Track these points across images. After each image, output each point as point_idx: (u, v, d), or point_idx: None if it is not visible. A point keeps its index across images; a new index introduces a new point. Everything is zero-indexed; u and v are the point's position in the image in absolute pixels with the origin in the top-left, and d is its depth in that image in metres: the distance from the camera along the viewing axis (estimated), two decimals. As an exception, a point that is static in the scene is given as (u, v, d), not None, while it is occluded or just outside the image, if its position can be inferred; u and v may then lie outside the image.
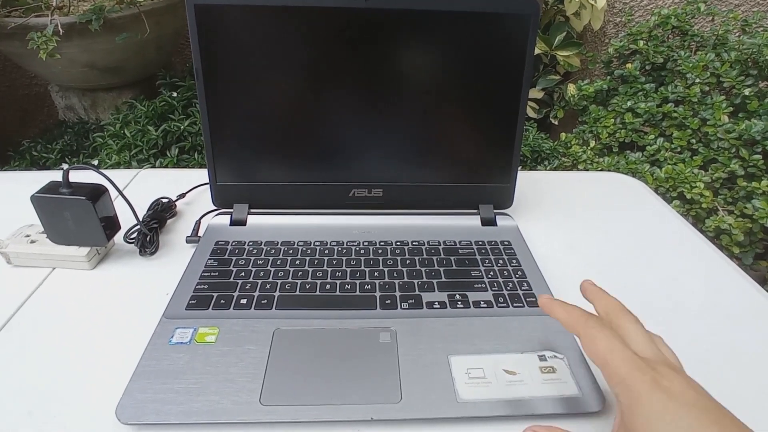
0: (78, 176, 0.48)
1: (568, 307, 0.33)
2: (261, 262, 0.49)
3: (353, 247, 0.52)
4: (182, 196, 0.61)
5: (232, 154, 0.54)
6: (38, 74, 1.51)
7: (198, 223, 0.56)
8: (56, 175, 0.48)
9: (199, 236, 0.54)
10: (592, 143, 1.33)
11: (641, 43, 1.38)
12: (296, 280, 0.47)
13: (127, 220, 0.51)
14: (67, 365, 0.39)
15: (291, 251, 0.51)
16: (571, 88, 1.48)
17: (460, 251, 0.52)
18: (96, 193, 0.47)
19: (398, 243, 0.53)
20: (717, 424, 0.26)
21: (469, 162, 0.56)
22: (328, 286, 0.46)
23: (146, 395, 0.35)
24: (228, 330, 0.41)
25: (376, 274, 0.48)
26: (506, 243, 0.53)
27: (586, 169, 1.27)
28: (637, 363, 0.28)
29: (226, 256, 0.50)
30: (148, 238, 0.52)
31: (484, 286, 0.47)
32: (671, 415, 0.26)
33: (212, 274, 0.47)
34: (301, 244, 0.52)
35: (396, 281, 0.47)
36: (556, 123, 1.59)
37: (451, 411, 0.35)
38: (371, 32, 0.49)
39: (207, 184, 0.56)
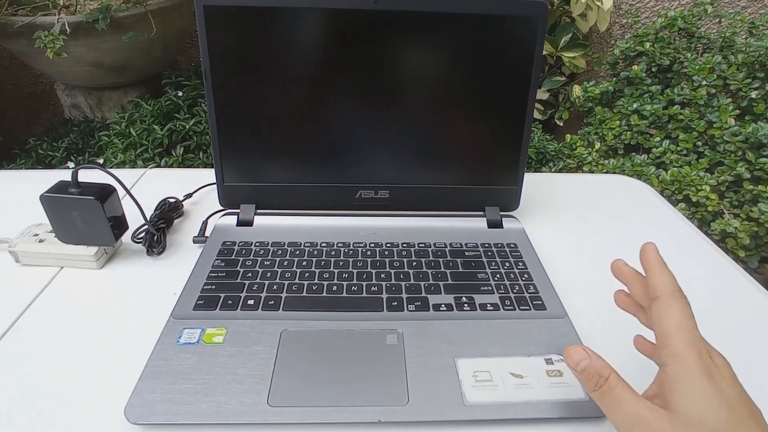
0: (85, 176, 0.48)
1: (666, 270, 0.33)
2: (268, 262, 0.49)
3: (360, 249, 0.52)
4: (189, 196, 0.62)
5: (239, 154, 0.54)
6: (44, 73, 1.51)
7: (205, 224, 0.56)
8: (64, 175, 0.48)
9: (206, 236, 0.54)
10: (598, 145, 1.33)
11: (647, 44, 1.38)
12: (303, 281, 0.47)
13: (134, 220, 0.52)
14: (75, 365, 0.39)
15: (298, 252, 0.51)
16: (577, 90, 1.48)
17: (467, 253, 0.52)
18: (104, 193, 0.47)
19: (405, 245, 0.53)
20: (753, 417, 0.27)
21: (475, 164, 0.56)
22: (334, 288, 0.46)
23: (155, 395, 0.35)
24: (235, 330, 0.41)
25: (382, 275, 0.48)
26: (512, 245, 0.53)
27: (591, 171, 1.26)
28: (699, 346, 0.29)
29: (233, 257, 0.50)
30: (155, 238, 0.52)
31: (490, 288, 0.47)
32: (714, 398, 0.27)
33: (219, 274, 0.48)
34: (307, 245, 0.52)
35: (402, 283, 0.47)
36: (561, 124, 1.58)
37: (458, 414, 0.35)
38: (379, 34, 0.50)
39: (214, 184, 0.56)
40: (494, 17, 0.49)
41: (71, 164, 1.24)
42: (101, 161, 1.15)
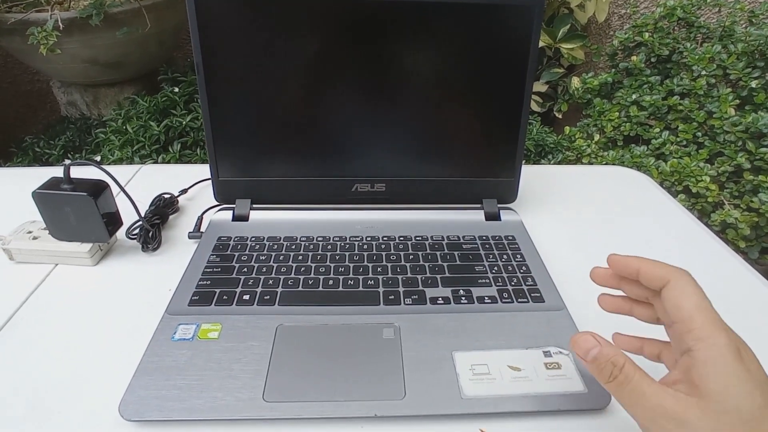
0: (80, 172, 0.48)
1: (654, 261, 0.31)
2: (263, 257, 0.49)
3: (356, 243, 0.51)
4: (184, 191, 0.61)
5: (234, 149, 0.54)
6: (40, 70, 1.50)
7: (200, 219, 0.56)
8: (59, 171, 0.48)
9: (202, 232, 0.53)
10: (597, 137, 1.32)
11: (646, 35, 1.37)
12: (299, 276, 0.46)
13: (129, 216, 0.51)
14: (69, 362, 0.39)
15: (293, 247, 0.51)
16: (576, 82, 1.47)
17: (464, 246, 0.52)
18: (97, 189, 0.47)
19: (401, 238, 0.52)
20: None
21: (472, 156, 0.56)
22: (330, 282, 0.46)
23: (149, 392, 0.35)
24: (231, 326, 0.41)
25: (379, 269, 0.48)
26: (510, 238, 0.53)
27: (590, 163, 1.26)
28: (725, 327, 0.27)
29: (228, 252, 0.50)
30: (150, 234, 0.52)
31: (488, 281, 0.47)
32: (748, 383, 0.25)
33: (215, 269, 0.47)
34: (303, 239, 0.52)
35: (399, 276, 0.47)
36: (560, 117, 1.58)
37: (455, 407, 0.34)
38: (374, 25, 0.49)
39: (209, 179, 0.56)
40: (489, 6, 0.48)
41: (68, 162, 1.24)
42: (98, 158, 1.14)
